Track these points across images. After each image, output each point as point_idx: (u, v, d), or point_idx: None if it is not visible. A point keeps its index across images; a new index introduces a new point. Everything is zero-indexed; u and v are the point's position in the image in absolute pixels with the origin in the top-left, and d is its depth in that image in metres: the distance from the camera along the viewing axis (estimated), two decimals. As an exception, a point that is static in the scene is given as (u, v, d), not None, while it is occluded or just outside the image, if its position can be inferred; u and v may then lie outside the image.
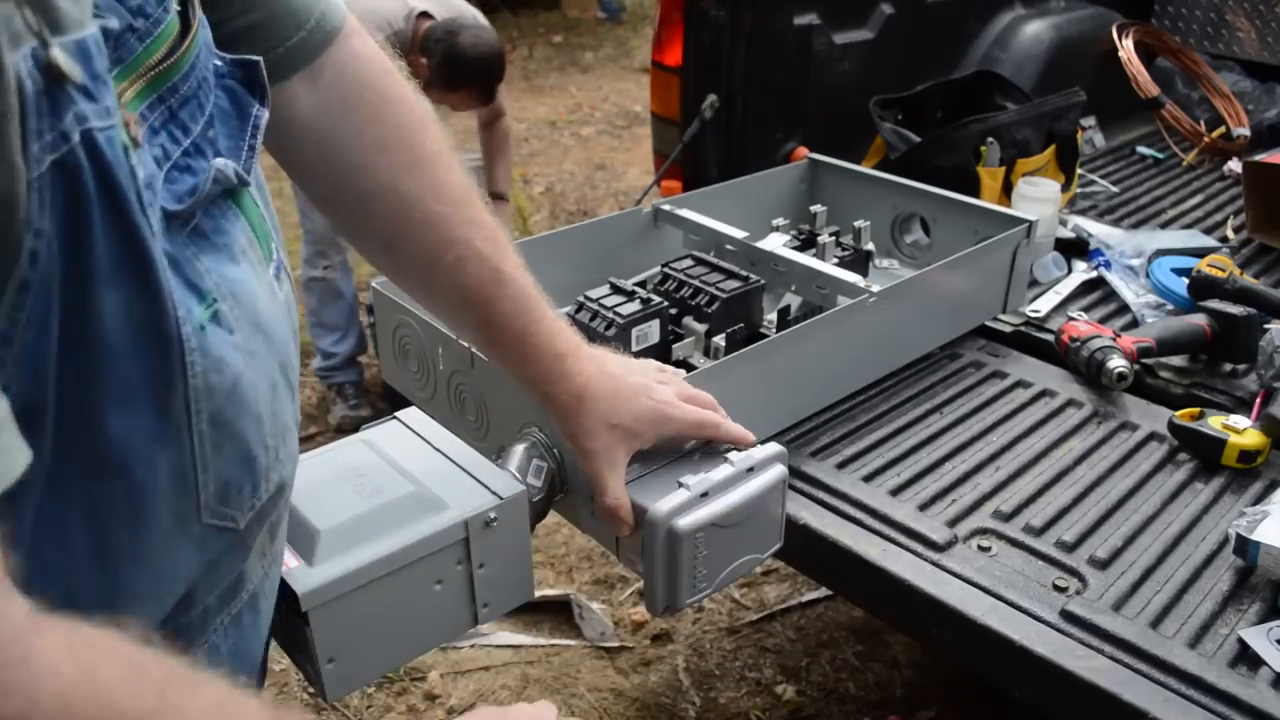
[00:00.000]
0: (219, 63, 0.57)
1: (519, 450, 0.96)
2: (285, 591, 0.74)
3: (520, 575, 0.87)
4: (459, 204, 0.82)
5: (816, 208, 1.57)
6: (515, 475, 0.89)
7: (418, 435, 0.92)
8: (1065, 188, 1.90)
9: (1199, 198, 2.11)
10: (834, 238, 1.45)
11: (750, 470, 0.90)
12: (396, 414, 0.94)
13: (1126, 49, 2.33)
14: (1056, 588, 1.06)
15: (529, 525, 0.88)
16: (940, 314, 1.45)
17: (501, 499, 0.83)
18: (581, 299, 1.22)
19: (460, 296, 0.85)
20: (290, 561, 0.75)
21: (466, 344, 1.11)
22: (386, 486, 0.83)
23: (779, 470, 0.92)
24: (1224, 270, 1.54)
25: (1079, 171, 2.06)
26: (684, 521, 0.85)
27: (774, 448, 0.93)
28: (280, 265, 0.60)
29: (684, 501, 0.85)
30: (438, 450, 0.89)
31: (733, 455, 0.91)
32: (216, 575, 0.58)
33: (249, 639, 0.64)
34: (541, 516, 0.94)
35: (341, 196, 0.81)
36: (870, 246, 1.49)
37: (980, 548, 1.13)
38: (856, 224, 1.49)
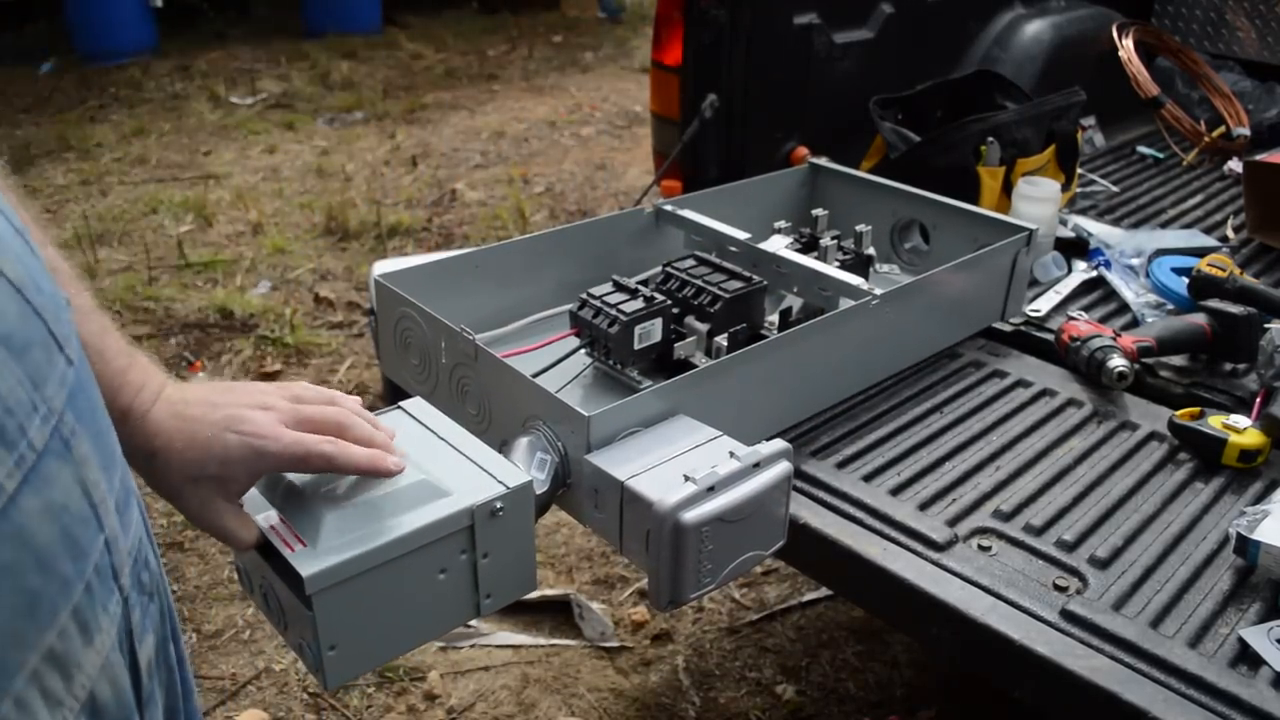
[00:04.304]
0: None
1: (523, 443, 0.96)
2: (290, 575, 0.74)
3: (523, 567, 0.87)
4: None
5: (818, 211, 1.58)
6: (519, 467, 0.89)
7: (422, 424, 0.92)
8: (1065, 187, 1.90)
9: (1199, 197, 2.12)
10: (835, 241, 1.45)
11: (756, 466, 0.90)
12: (400, 403, 0.95)
13: (1126, 49, 2.33)
14: (1057, 587, 1.06)
15: (534, 516, 0.88)
16: (941, 319, 1.45)
17: (508, 488, 0.83)
18: (585, 295, 1.22)
19: None
20: (295, 545, 0.75)
21: (470, 336, 1.11)
22: None
23: (784, 466, 0.93)
24: (1224, 270, 1.54)
25: (1079, 171, 2.06)
26: (690, 514, 0.85)
27: (779, 444, 0.93)
28: None
29: (690, 495, 0.86)
30: (443, 439, 0.90)
31: (739, 450, 0.91)
32: None
33: None
34: (545, 509, 0.95)
35: None
36: (871, 251, 1.49)
37: (980, 547, 1.13)
38: (858, 228, 1.49)
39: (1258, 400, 1.32)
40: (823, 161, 1.75)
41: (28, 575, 0.42)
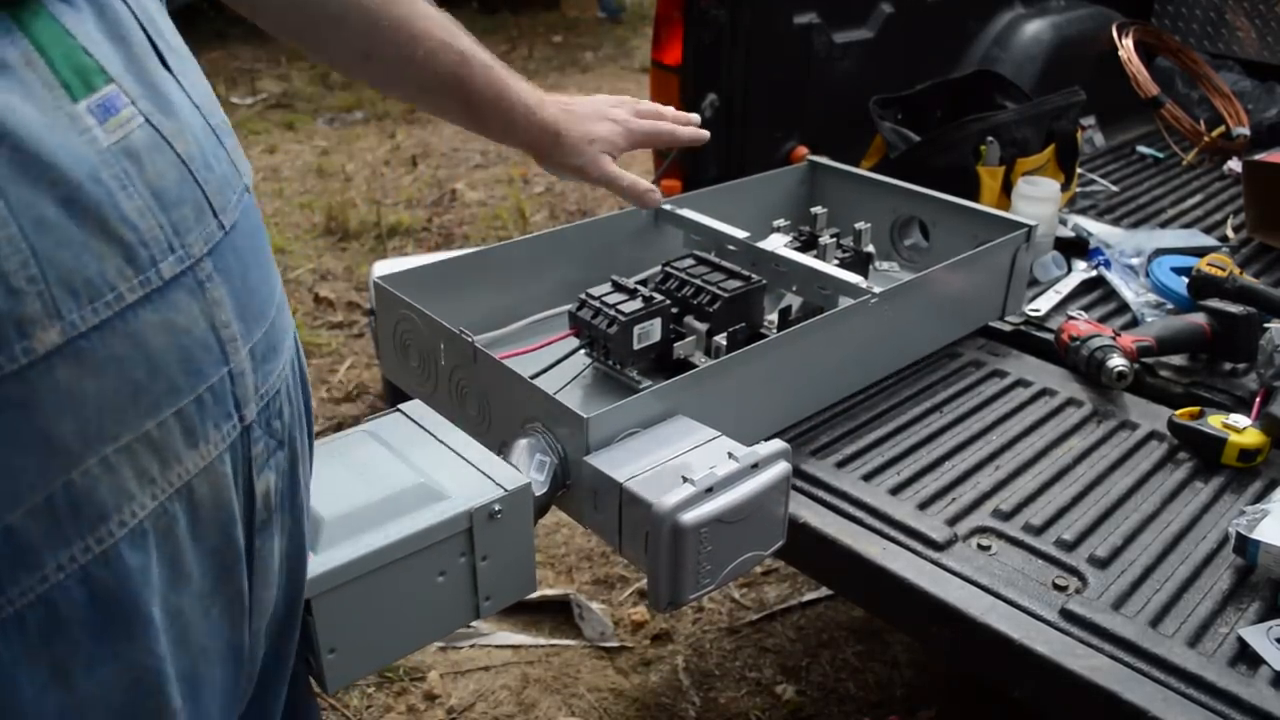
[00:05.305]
0: None
1: (522, 445, 0.96)
2: None
3: (523, 569, 0.87)
4: (411, 2, 0.99)
5: (817, 209, 1.57)
6: (518, 469, 0.89)
7: (421, 427, 0.92)
8: (1065, 187, 1.90)
9: (1199, 197, 2.11)
10: (835, 239, 1.45)
11: (755, 466, 0.91)
12: (399, 406, 0.95)
13: (1126, 48, 2.33)
14: (1056, 586, 1.06)
15: (533, 518, 0.88)
16: (940, 317, 1.45)
17: (506, 490, 0.83)
18: (584, 296, 1.22)
19: (439, 84, 1.04)
20: None
21: (469, 338, 1.11)
22: (391, 476, 0.83)
23: (783, 467, 0.93)
24: (1224, 269, 1.54)
25: (1079, 171, 2.06)
26: (689, 516, 0.86)
27: (778, 444, 0.93)
28: (112, 106, 0.52)
29: (689, 496, 0.86)
30: (441, 442, 0.90)
31: (737, 451, 0.91)
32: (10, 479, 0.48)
33: (130, 587, 0.53)
34: (544, 511, 0.95)
35: (316, 26, 0.96)
36: (870, 249, 1.49)
37: (980, 546, 1.13)
38: (857, 226, 1.49)
39: (1257, 400, 1.32)
40: (821, 159, 1.75)
41: (134, 368, 0.52)
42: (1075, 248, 1.79)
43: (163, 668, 0.56)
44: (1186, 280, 1.58)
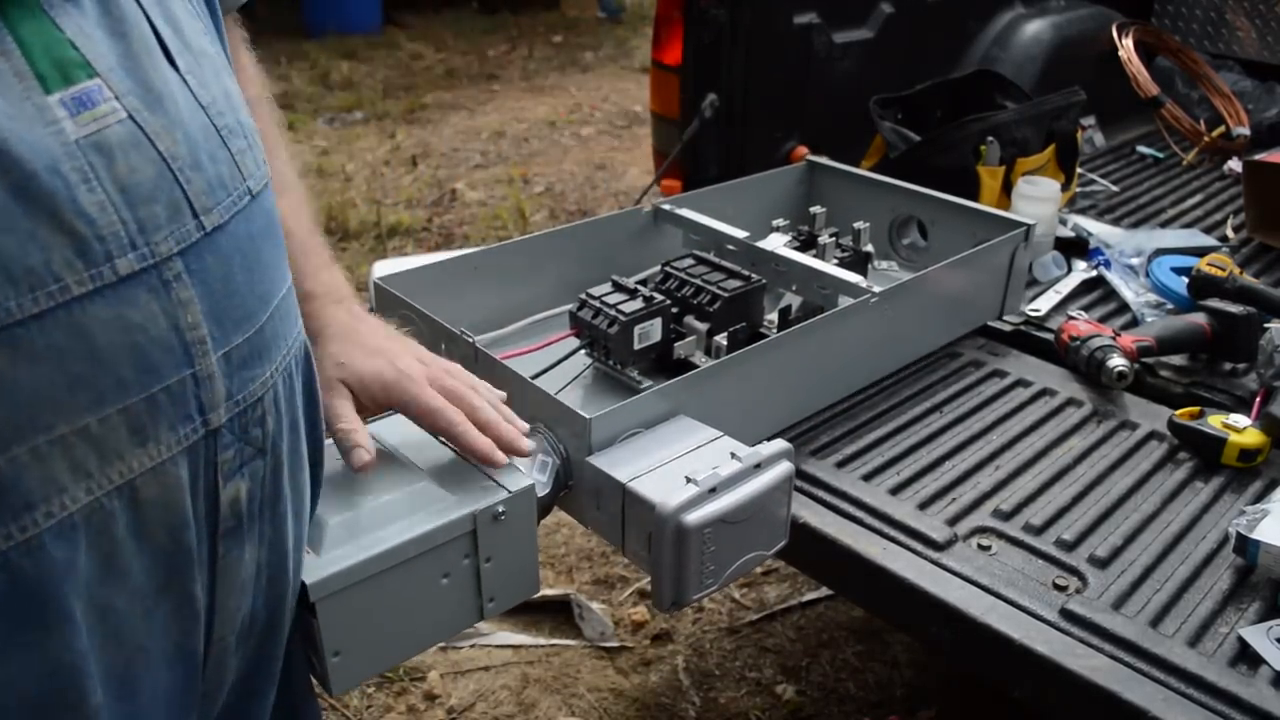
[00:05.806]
0: None
1: (524, 446, 0.96)
2: None
3: (526, 570, 0.87)
4: None
5: (816, 209, 1.58)
6: (521, 470, 0.89)
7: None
8: (1065, 187, 1.90)
9: (1199, 197, 2.12)
10: (834, 239, 1.45)
11: (758, 467, 0.91)
12: None
13: (1126, 48, 2.33)
14: (1056, 586, 1.06)
15: (536, 519, 0.88)
16: (939, 316, 1.45)
17: (510, 492, 0.83)
18: (584, 296, 1.22)
19: None
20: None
21: (470, 339, 1.11)
22: (394, 479, 0.83)
23: (785, 467, 0.93)
24: (1224, 269, 1.54)
25: (1079, 171, 2.06)
26: (693, 516, 0.86)
27: (780, 444, 0.94)
28: (88, 100, 0.52)
29: (692, 497, 0.86)
30: (443, 443, 0.90)
31: (740, 451, 0.91)
32: None
33: (52, 579, 0.53)
34: (546, 512, 0.95)
35: None
36: (869, 248, 1.49)
37: (980, 546, 1.13)
38: (856, 225, 1.49)
39: (1257, 400, 1.32)
40: (821, 159, 1.75)
41: (75, 361, 0.51)
42: (1075, 248, 1.80)
43: (81, 663, 0.55)
44: (1186, 280, 1.58)
